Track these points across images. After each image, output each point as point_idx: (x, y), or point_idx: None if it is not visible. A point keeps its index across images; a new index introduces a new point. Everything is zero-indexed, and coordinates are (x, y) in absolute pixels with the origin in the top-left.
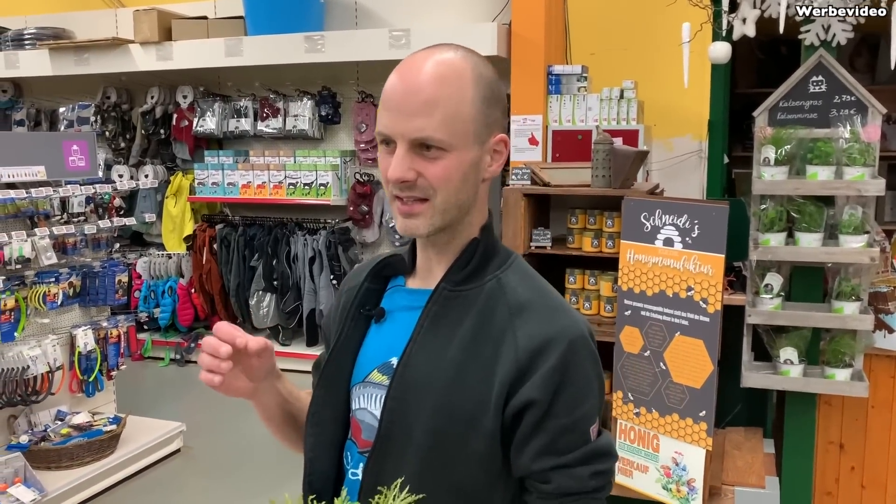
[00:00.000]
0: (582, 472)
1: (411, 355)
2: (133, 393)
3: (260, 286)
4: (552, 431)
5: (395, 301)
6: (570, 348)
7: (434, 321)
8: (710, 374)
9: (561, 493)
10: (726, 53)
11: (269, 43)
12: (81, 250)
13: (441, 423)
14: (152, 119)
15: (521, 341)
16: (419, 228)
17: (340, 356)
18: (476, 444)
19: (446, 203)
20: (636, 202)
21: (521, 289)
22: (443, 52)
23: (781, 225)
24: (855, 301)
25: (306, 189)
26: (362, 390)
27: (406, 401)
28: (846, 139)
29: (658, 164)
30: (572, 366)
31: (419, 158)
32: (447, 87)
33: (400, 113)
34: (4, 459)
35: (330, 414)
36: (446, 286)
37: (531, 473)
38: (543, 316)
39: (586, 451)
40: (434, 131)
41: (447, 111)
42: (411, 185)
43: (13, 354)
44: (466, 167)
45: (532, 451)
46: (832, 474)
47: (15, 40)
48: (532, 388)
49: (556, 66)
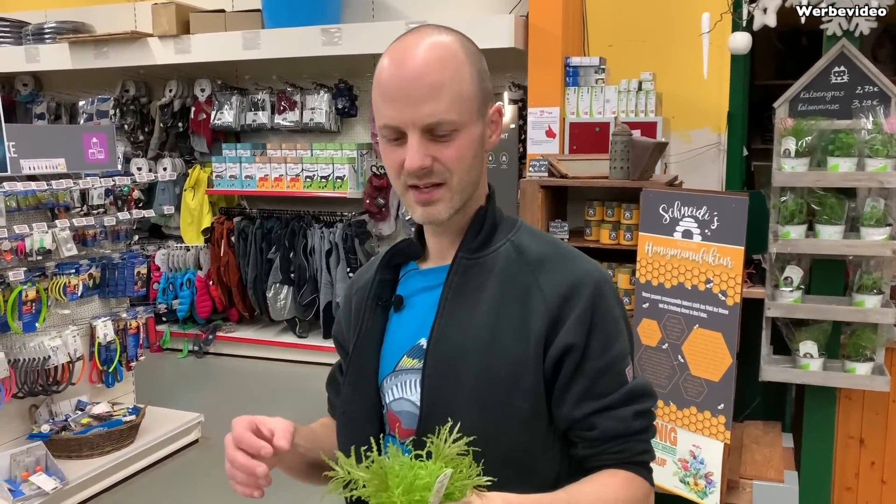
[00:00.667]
0: (624, 413)
1: (440, 330)
2: (152, 384)
3: (277, 279)
4: (590, 375)
5: (411, 285)
6: (596, 290)
7: (457, 292)
8: (728, 368)
9: (607, 438)
10: (746, 44)
11: (286, 36)
12: (101, 242)
13: (483, 390)
14: (170, 112)
15: (547, 291)
16: (441, 213)
17: (364, 351)
18: (521, 406)
19: (462, 182)
20: (655, 194)
21: (536, 245)
22: (432, 35)
23: (802, 217)
24: (876, 294)
25: (323, 182)
26: (394, 381)
27: (444, 376)
28: (868, 130)
29: (676, 156)
30: (600, 307)
31: (432, 143)
32: (448, 68)
33: (408, 101)
34: (26, 448)
35: (361, 411)
36: (464, 255)
37: (574, 422)
38: (564, 265)
39: (624, 392)
40: (445, 113)
41: (453, 91)
42: (428, 172)
43: (34, 345)
44: (476, 144)
45: (573, 398)
46: (852, 469)
47: (35, 34)
48: (567, 333)
49: (574, 58)
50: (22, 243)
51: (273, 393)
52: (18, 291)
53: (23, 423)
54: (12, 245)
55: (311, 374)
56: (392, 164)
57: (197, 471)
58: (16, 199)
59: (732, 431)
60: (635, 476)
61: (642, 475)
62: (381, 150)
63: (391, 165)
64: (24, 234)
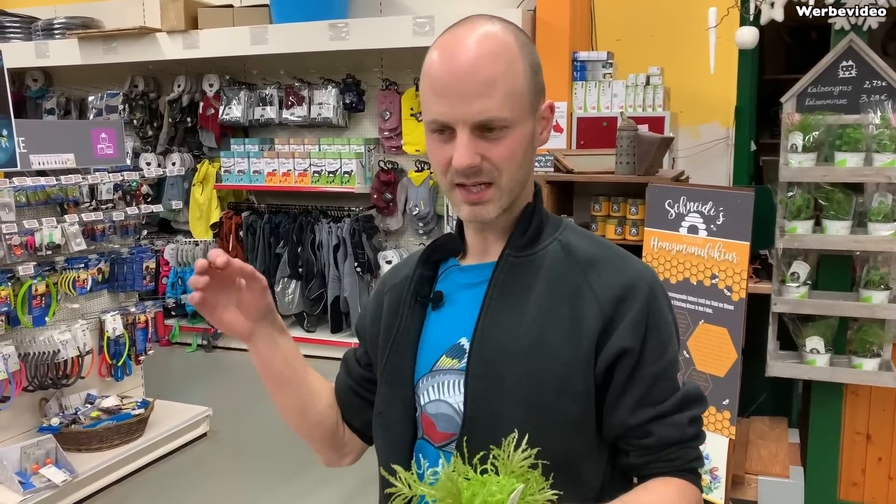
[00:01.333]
0: (680, 420)
1: (485, 329)
2: (161, 377)
3: (285, 273)
4: (646, 381)
5: (451, 282)
6: (651, 292)
7: (503, 290)
8: (734, 363)
9: (663, 445)
10: (753, 39)
11: (294, 31)
12: (110, 237)
13: (530, 393)
14: (179, 107)
15: (600, 292)
16: (489, 213)
17: (402, 350)
18: (568, 410)
19: (511, 182)
20: (660, 189)
21: (585, 245)
22: (484, 26)
23: (809, 212)
24: (884, 290)
25: (331, 177)
26: (431, 381)
27: (488, 378)
28: (876, 125)
29: (684, 151)
30: (654, 310)
31: (482, 141)
32: (502, 63)
33: (459, 97)
34: (36, 441)
35: (398, 413)
36: (511, 252)
37: (629, 429)
38: (616, 265)
39: (679, 398)
40: (497, 111)
41: (506, 88)
42: (477, 171)
43: (44, 339)
44: (527, 141)
45: (628, 405)
46: (858, 465)
47: (45, 30)
48: (622, 336)
49: (582, 53)
50: (32, 238)
51: None
52: (28, 286)
53: (33, 416)
54: (22, 240)
55: (319, 368)
56: (439, 161)
57: (205, 464)
58: (25, 194)
59: (738, 427)
60: (688, 484)
61: (694, 482)
62: (427, 145)
63: (438, 162)
64: (34, 229)
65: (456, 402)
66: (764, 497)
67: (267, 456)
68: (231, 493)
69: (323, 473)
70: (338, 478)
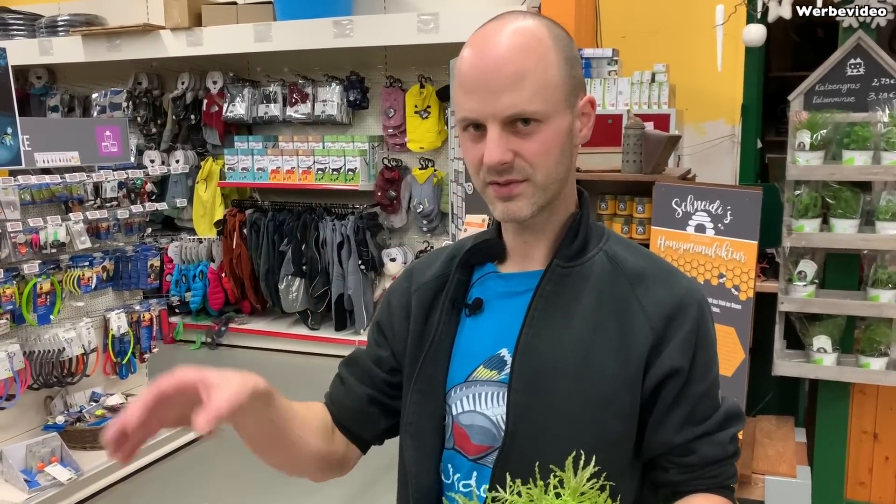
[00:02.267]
0: (722, 438)
1: (529, 342)
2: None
3: (289, 271)
4: (692, 400)
5: (490, 289)
6: (699, 311)
7: (549, 302)
8: (741, 363)
9: (705, 463)
10: (761, 36)
11: (298, 28)
12: (114, 235)
13: (575, 411)
14: (183, 105)
15: (650, 309)
16: (522, 211)
17: (437, 358)
18: (612, 428)
19: (547, 179)
20: (667, 188)
21: (632, 258)
22: (515, 21)
23: (816, 211)
24: (891, 289)
25: (335, 174)
26: (465, 391)
27: (531, 392)
28: (885, 123)
29: (690, 148)
30: (703, 329)
31: (514, 137)
32: (532, 56)
33: (487, 92)
34: (41, 439)
35: (429, 422)
36: (560, 263)
37: (673, 448)
38: (665, 281)
39: (721, 416)
40: (527, 104)
41: (537, 81)
42: (509, 168)
43: (49, 337)
44: (563, 137)
45: (674, 424)
46: (865, 464)
47: (49, 27)
48: (671, 355)
49: (587, 50)
50: (36, 236)
51: (285, 385)
52: (33, 284)
53: (38, 414)
54: (27, 238)
55: (323, 365)
56: (472, 160)
57: (209, 461)
58: (30, 192)
59: (745, 426)
60: (726, 500)
61: (730, 497)
62: (461, 142)
63: (471, 161)
64: (39, 227)
65: (494, 415)
66: (771, 496)
67: None
68: (235, 491)
69: None
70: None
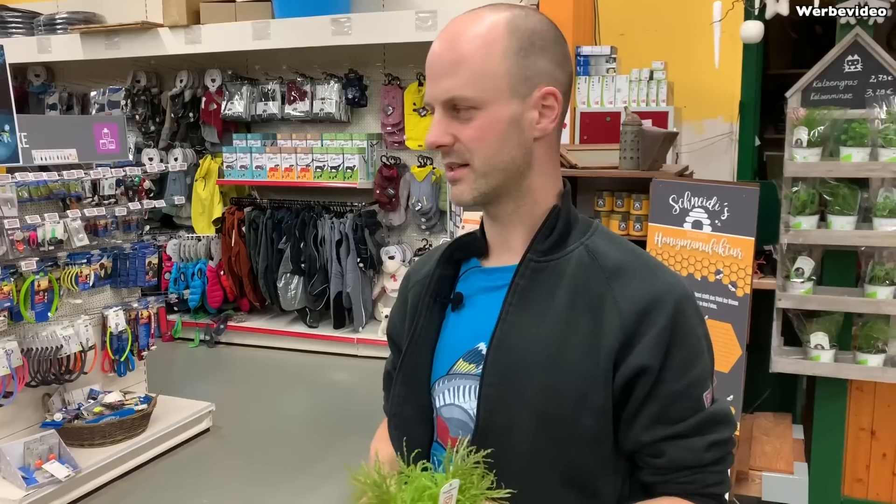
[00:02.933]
0: (697, 444)
1: (502, 337)
2: (163, 373)
3: (288, 269)
4: (663, 398)
5: (472, 284)
6: (677, 308)
7: (523, 296)
8: (738, 359)
9: (675, 467)
10: (758, 33)
11: (296, 26)
12: (112, 232)
13: (546, 405)
14: (181, 102)
15: (623, 305)
16: (463, 194)
17: (418, 350)
18: (586, 424)
19: (485, 165)
20: (665, 184)
21: (613, 252)
22: (483, 11)
23: (813, 208)
24: (889, 286)
25: (333, 172)
26: (447, 384)
27: (504, 387)
28: (882, 120)
29: (688, 146)
30: (681, 326)
31: (455, 122)
32: (472, 43)
33: (432, 77)
34: (39, 436)
35: (412, 413)
36: (533, 257)
37: (642, 446)
38: (643, 276)
39: (700, 420)
40: (459, 90)
41: (472, 67)
42: (450, 151)
43: (47, 334)
44: (504, 125)
45: (642, 422)
46: (863, 461)
47: (47, 25)
48: (641, 353)
49: (585, 47)
50: (34, 233)
51: (284, 382)
52: (31, 281)
53: (36, 411)
54: (24, 235)
55: (322, 363)
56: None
57: (208, 459)
58: (28, 189)
59: (743, 423)
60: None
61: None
62: None
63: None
64: (36, 225)
65: (470, 408)
66: (768, 493)
67: (270, 451)
68: (234, 488)
69: (326, 469)
70: (341, 473)
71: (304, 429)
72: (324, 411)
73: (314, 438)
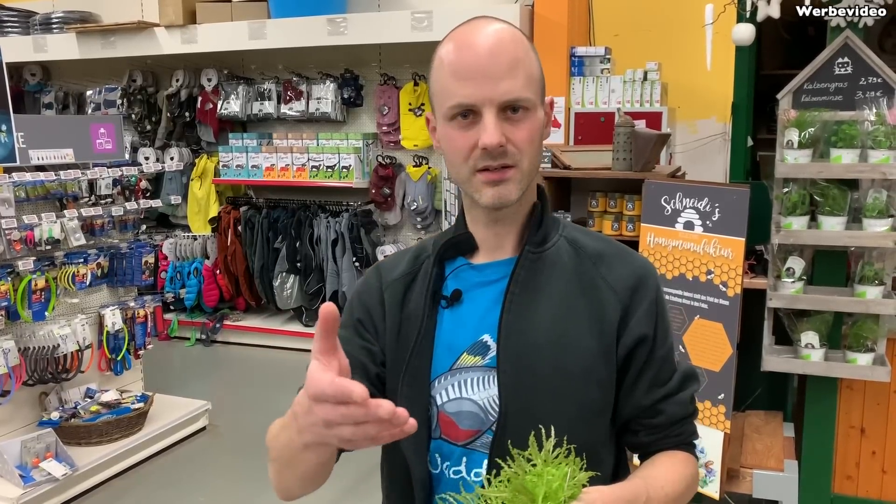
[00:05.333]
0: (684, 398)
1: (510, 325)
2: (160, 372)
3: (283, 268)
4: (657, 363)
5: (465, 280)
6: (656, 283)
7: (524, 286)
8: (728, 358)
9: (671, 423)
10: (750, 35)
11: (292, 26)
12: (109, 232)
13: (559, 385)
14: (177, 102)
15: (615, 284)
16: (511, 195)
17: (423, 351)
18: (594, 398)
19: (531, 166)
20: (657, 185)
21: (590, 241)
22: (494, 21)
23: (804, 208)
24: (878, 285)
25: (329, 172)
26: (451, 380)
27: (518, 373)
28: (872, 122)
29: (682, 146)
30: (660, 299)
31: (506, 124)
32: (521, 48)
33: (485, 78)
34: (36, 435)
35: (419, 413)
36: (530, 249)
37: (642, 410)
38: (622, 259)
39: (679, 376)
40: (521, 91)
41: (527, 71)
42: (503, 152)
43: (44, 333)
44: (542, 128)
45: (643, 387)
46: (853, 458)
47: (43, 24)
48: (639, 323)
49: (579, 48)
50: (31, 233)
51: (280, 381)
52: (28, 281)
53: (33, 410)
54: (22, 235)
55: None
56: (462, 147)
57: (205, 458)
58: (25, 189)
59: (734, 421)
60: (689, 455)
61: (692, 453)
62: (445, 134)
63: (461, 148)
64: (33, 224)
65: (482, 399)
66: (758, 490)
67: (265, 450)
68: (230, 486)
69: None
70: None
71: None
72: None
73: None
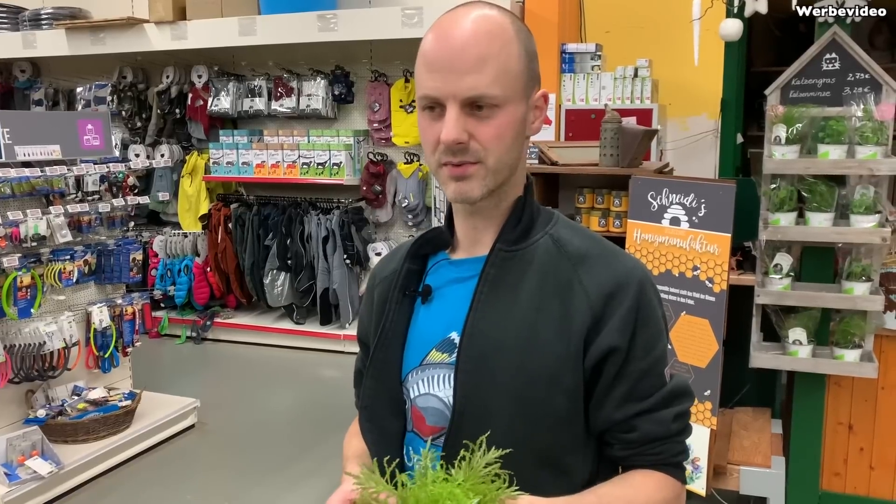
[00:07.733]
0: (665, 416)
1: (475, 324)
2: (149, 370)
3: (274, 265)
4: (632, 377)
5: (441, 276)
6: (640, 289)
7: (493, 285)
8: (715, 354)
9: (646, 440)
10: (737, 31)
11: (283, 22)
12: (96, 228)
13: (521, 388)
14: (168, 99)
15: (590, 289)
16: (473, 192)
17: (389, 344)
18: (559, 405)
19: (498, 164)
20: (643, 181)
21: (576, 240)
22: (481, 9)
23: (792, 204)
24: (865, 282)
25: (320, 169)
26: (420, 375)
27: (478, 373)
28: (859, 118)
29: (673, 143)
30: (644, 307)
31: (471, 119)
32: (496, 42)
33: (450, 72)
34: (22, 433)
35: (385, 405)
36: (502, 247)
37: (614, 424)
38: (607, 261)
39: (665, 394)
40: (487, 88)
41: (498, 66)
42: (464, 149)
43: (30, 330)
44: (517, 125)
45: (615, 400)
46: (841, 455)
47: (32, 20)
48: (610, 334)
49: (570, 45)
50: (17, 229)
51: (270, 379)
52: (13, 277)
53: (19, 407)
54: (7, 231)
55: (309, 359)
56: (429, 139)
57: (193, 455)
58: (10, 185)
59: (722, 418)
60: (668, 478)
61: (676, 476)
62: (419, 124)
63: (428, 140)
64: (19, 221)
65: (445, 396)
66: (746, 487)
67: (254, 447)
68: (218, 484)
69: (310, 465)
70: (325, 469)
71: (289, 425)
72: (310, 407)
73: (300, 434)
